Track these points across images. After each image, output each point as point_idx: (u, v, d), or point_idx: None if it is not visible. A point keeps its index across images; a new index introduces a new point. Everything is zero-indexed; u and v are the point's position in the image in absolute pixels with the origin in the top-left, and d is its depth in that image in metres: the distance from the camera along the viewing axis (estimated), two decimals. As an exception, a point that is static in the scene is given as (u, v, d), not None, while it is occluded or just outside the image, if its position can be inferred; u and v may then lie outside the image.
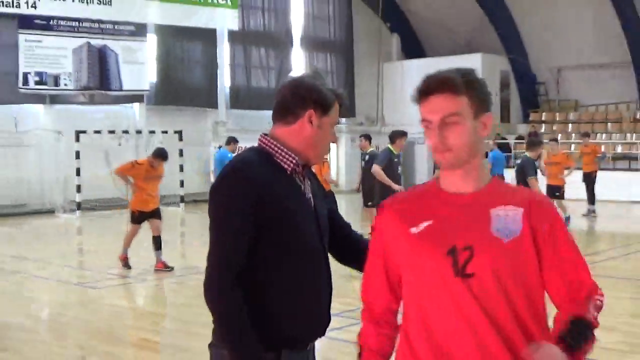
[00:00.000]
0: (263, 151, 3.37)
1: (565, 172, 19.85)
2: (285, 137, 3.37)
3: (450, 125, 2.73)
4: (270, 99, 24.82)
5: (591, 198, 23.20)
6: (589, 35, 32.65)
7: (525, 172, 14.33)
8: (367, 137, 18.47)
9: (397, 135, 14.97)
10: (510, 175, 18.07)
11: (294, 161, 3.34)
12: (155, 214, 14.20)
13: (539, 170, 17.26)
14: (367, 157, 17.65)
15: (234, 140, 19.59)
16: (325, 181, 15.48)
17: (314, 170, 3.68)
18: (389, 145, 14.95)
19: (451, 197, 2.81)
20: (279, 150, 3.34)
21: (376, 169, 14.48)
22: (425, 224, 2.80)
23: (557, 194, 19.89)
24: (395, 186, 13.60)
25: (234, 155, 18.56)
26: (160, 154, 14.43)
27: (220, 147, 24.59)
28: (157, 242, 13.96)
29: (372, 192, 16.87)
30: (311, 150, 3.42)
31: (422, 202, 2.89)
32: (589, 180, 23.33)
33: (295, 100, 3.38)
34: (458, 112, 2.73)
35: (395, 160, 14.53)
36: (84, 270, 14.67)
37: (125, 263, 13.94)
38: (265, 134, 3.44)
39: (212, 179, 19.08)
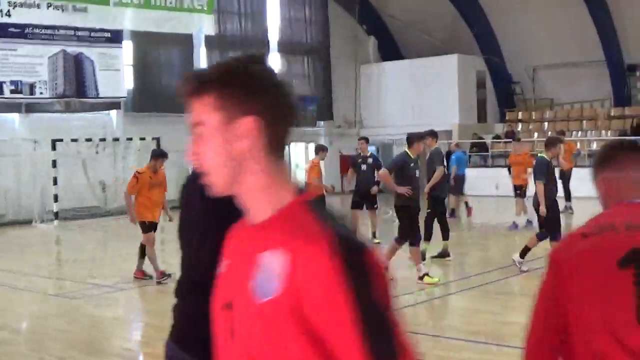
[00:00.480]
0: None
1: (529, 170, 19.81)
2: None
3: (196, 140, 2.15)
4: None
5: (567, 195, 23.35)
6: (562, 35, 32.82)
7: (535, 175, 13.83)
8: (367, 140, 18.43)
9: (414, 139, 14.79)
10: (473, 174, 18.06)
11: None
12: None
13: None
14: (369, 160, 17.82)
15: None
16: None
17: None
18: (406, 149, 14.84)
19: (242, 231, 2.21)
20: None
21: (383, 173, 14.38)
22: (224, 264, 2.24)
23: (519, 192, 20.27)
24: (401, 189, 12.90)
25: None
26: (160, 154, 14.60)
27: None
28: (143, 251, 13.82)
29: (370, 195, 16.69)
30: None
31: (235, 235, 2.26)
32: (565, 177, 23.47)
33: None
34: (201, 121, 2.13)
35: (412, 164, 14.18)
36: (63, 281, 14.61)
37: (162, 275, 13.42)
38: None
39: None
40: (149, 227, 13.75)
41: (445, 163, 16.35)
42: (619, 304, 2.67)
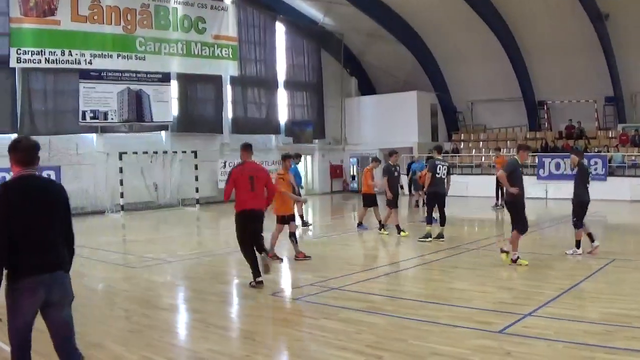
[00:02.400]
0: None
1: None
2: None
3: None
4: (261, 126, 24.93)
5: (501, 196, 23.42)
6: (493, 78, 32.90)
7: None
8: (397, 153, 17.67)
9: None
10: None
11: None
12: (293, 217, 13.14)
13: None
14: (398, 168, 17.23)
15: (297, 156, 18.38)
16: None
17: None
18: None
19: None
20: None
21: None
22: None
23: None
24: (513, 189, 11.84)
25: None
26: (287, 156, 13.39)
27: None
28: (294, 238, 13.03)
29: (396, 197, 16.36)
30: None
31: None
32: (499, 183, 23.56)
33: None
34: None
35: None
36: (127, 255, 14.64)
37: (275, 257, 12.75)
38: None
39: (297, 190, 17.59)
40: (282, 220, 13.07)
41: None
42: None
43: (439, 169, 15.15)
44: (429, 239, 14.83)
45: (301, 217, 18.80)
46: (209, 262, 13.16)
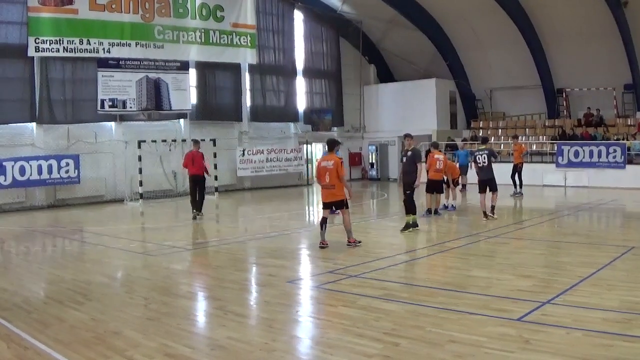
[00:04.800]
0: None
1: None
2: None
3: None
4: (280, 114, 25.07)
5: (520, 183, 23.27)
6: (512, 65, 32.72)
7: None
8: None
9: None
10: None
11: None
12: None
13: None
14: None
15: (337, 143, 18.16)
16: None
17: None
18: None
19: None
20: None
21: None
22: None
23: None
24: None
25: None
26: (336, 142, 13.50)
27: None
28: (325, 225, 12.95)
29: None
30: None
31: None
32: (516, 169, 23.39)
33: None
34: None
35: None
36: (146, 243, 14.70)
37: (356, 242, 12.80)
38: None
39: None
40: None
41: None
42: None
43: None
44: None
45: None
46: (228, 249, 13.19)
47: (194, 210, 18.71)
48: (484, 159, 16.61)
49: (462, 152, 26.68)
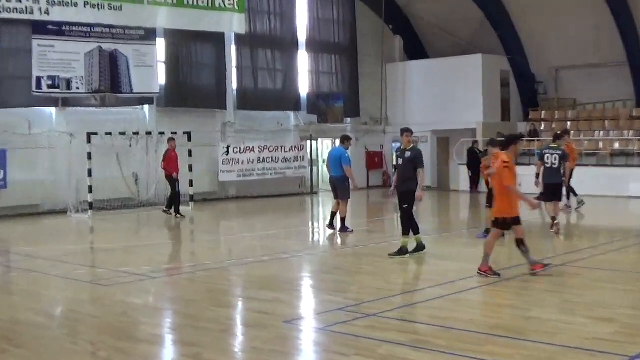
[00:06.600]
0: None
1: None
2: None
3: None
4: (276, 100, 25.17)
5: (572, 191, 23.21)
6: (585, 36, 32.63)
7: None
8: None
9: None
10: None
11: None
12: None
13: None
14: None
15: (348, 139, 19.10)
16: None
17: None
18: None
19: None
20: None
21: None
22: None
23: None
24: None
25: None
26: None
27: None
28: (524, 245, 12.53)
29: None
30: None
31: None
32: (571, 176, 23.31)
33: None
34: None
35: None
36: (96, 269, 14.65)
37: (492, 272, 12.40)
38: None
39: (329, 173, 19.71)
40: (502, 224, 12.59)
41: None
42: None
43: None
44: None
45: (342, 220, 18.88)
46: (205, 278, 13.15)
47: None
48: (555, 159, 17.48)
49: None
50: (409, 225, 14.74)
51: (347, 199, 18.88)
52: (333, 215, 19.09)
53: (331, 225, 18.98)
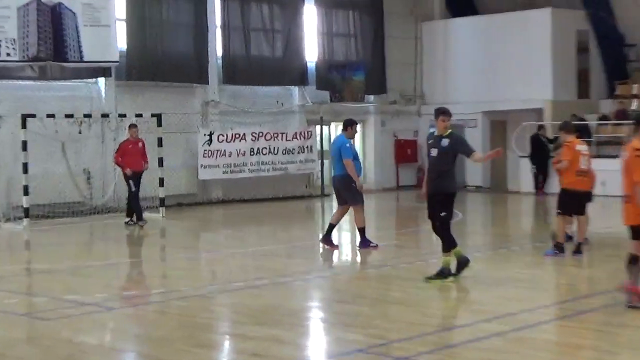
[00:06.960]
0: None
1: None
2: None
3: None
4: (274, 71, 25.15)
5: None
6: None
7: None
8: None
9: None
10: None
11: None
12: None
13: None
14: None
15: (352, 123, 18.82)
16: None
17: None
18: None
19: None
20: None
21: None
22: None
23: None
24: None
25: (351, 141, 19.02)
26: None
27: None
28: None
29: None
30: None
31: None
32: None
33: None
34: None
35: None
36: (34, 297, 14.66)
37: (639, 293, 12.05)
38: None
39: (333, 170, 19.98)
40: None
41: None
42: None
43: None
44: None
45: (362, 232, 18.79)
46: (181, 309, 13.20)
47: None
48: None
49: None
50: (449, 239, 14.69)
51: (360, 203, 18.64)
52: (331, 228, 19.00)
53: (327, 241, 18.95)
